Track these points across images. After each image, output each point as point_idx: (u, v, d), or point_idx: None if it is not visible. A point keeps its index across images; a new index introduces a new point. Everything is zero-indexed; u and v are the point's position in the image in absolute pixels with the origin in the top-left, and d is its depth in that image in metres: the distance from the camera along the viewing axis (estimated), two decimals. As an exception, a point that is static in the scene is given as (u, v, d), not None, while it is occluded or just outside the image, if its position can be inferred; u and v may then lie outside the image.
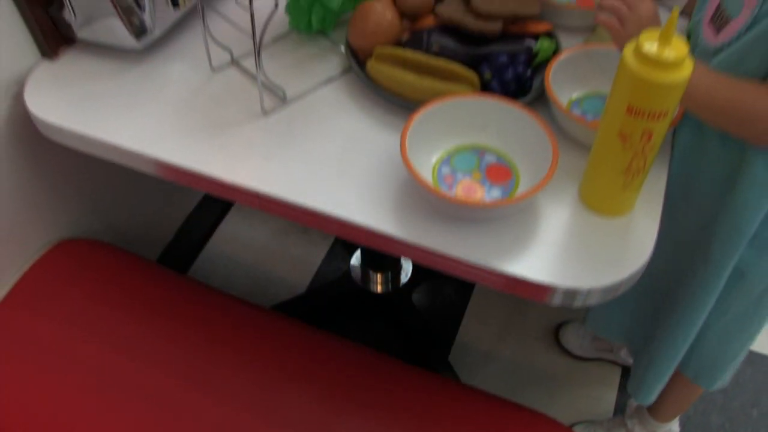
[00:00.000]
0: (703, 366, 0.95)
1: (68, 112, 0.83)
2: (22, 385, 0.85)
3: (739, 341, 0.92)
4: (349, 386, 0.90)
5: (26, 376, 0.86)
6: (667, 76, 0.56)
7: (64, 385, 0.84)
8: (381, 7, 0.82)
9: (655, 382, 0.96)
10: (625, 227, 0.70)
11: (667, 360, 0.92)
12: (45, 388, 0.84)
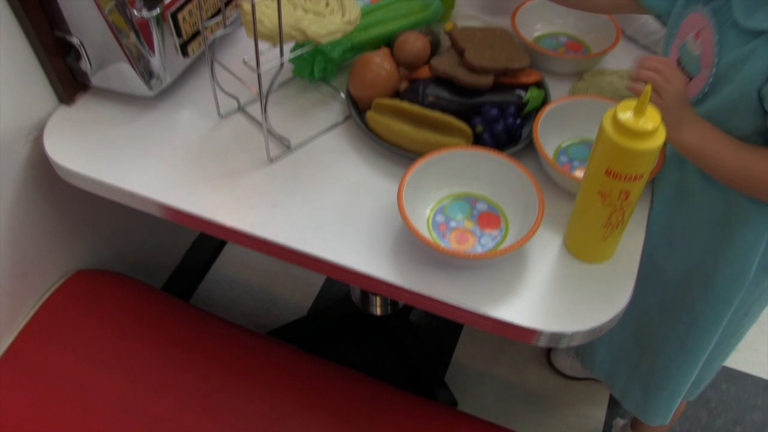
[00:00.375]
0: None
1: (84, 158, 0.88)
2: (41, 413, 0.91)
3: (720, 360, 1.00)
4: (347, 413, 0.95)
5: (45, 404, 0.91)
6: (642, 145, 0.61)
7: (82, 413, 0.89)
8: (379, 59, 0.87)
9: (671, 405, 1.02)
10: (607, 273, 0.75)
11: (679, 385, 0.98)
12: (63, 417, 0.90)
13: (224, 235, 0.81)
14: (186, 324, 1.06)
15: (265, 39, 0.76)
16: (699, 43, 0.71)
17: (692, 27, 0.73)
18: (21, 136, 0.92)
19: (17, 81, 0.89)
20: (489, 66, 0.84)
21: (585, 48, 1.02)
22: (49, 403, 0.91)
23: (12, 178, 0.93)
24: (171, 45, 0.91)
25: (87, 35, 0.88)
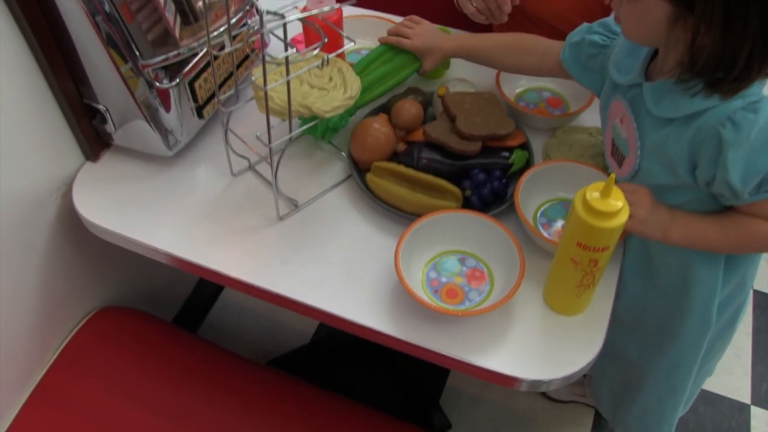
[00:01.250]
0: None
1: (110, 214, 0.97)
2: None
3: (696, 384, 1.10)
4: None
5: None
6: (607, 223, 0.70)
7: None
8: (378, 125, 0.96)
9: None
10: (580, 325, 0.84)
11: (672, 417, 1.08)
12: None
13: (240, 288, 0.90)
14: (198, 357, 1.15)
15: (274, 115, 0.85)
16: (624, 127, 0.81)
17: (616, 113, 0.82)
18: (52, 191, 1.01)
19: (50, 142, 0.98)
20: (477, 133, 0.93)
21: (565, 103, 1.11)
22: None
23: (43, 229, 1.02)
24: (188, 109, 1.00)
25: (112, 102, 0.97)
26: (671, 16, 0.67)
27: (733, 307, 0.93)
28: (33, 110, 0.94)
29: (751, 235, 0.77)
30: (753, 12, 0.63)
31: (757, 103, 0.69)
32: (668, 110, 0.75)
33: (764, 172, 0.70)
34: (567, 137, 1.04)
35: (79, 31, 0.89)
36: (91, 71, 0.94)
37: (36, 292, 1.04)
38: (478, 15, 1.11)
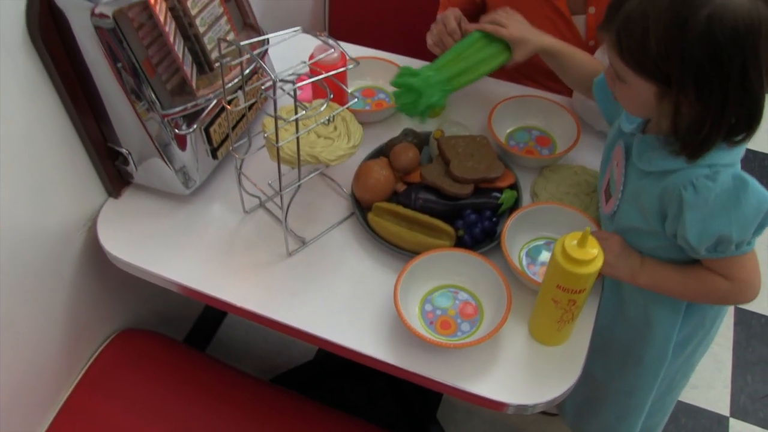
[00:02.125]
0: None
1: (132, 248, 1.06)
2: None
3: (662, 414, 1.20)
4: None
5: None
6: (583, 270, 0.79)
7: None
8: (378, 167, 1.05)
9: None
10: (561, 354, 0.93)
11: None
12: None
13: (253, 319, 0.99)
14: (209, 376, 1.23)
15: (285, 163, 0.93)
16: (617, 170, 0.90)
17: (617, 156, 0.91)
18: (79, 226, 1.10)
19: (77, 181, 1.06)
20: (469, 177, 1.02)
21: (552, 142, 1.20)
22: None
23: (70, 261, 1.11)
24: (203, 151, 1.08)
25: (134, 146, 1.06)
26: (658, 94, 0.77)
27: (692, 344, 1.02)
28: (62, 153, 1.02)
29: (707, 288, 0.86)
30: (715, 86, 0.72)
31: (717, 172, 0.78)
32: (645, 164, 0.84)
33: (718, 234, 0.79)
34: (554, 176, 1.12)
35: (105, 83, 0.97)
36: (115, 119, 1.03)
37: (63, 318, 1.13)
38: (434, 47, 1.19)
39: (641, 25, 0.73)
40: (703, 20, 0.70)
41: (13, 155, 0.93)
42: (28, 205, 0.98)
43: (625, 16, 0.75)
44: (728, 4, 0.70)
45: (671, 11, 0.71)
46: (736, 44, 0.71)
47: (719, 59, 0.71)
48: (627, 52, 0.76)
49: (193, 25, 1.02)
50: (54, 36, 0.91)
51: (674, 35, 0.71)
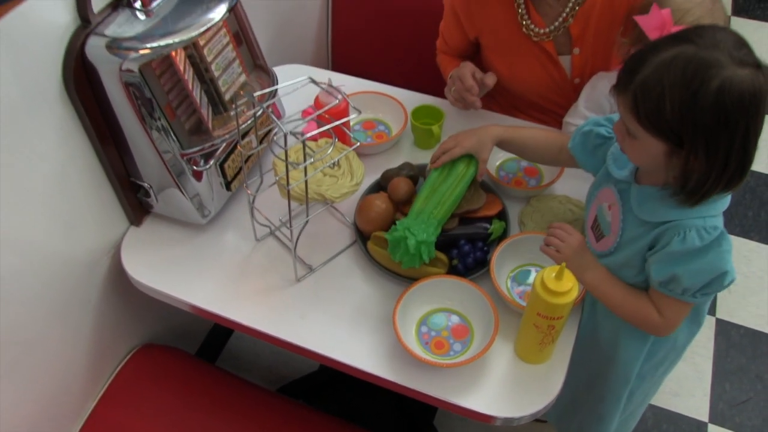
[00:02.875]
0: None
1: (153, 273, 1.16)
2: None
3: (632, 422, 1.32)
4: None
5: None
6: (560, 300, 0.89)
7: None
8: (379, 201, 1.15)
9: None
10: (544, 372, 1.03)
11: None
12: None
13: (265, 339, 1.09)
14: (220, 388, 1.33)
15: (294, 200, 1.03)
16: (610, 213, 0.99)
17: (606, 198, 1.01)
18: (104, 253, 1.20)
19: (103, 212, 1.16)
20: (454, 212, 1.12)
21: (539, 173, 1.30)
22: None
23: (96, 284, 1.21)
24: (218, 184, 1.18)
25: (154, 180, 1.16)
26: (667, 151, 0.85)
27: (663, 366, 1.14)
28: (91, 188, 1.12)
29: (640, 312, 0.97)
30: (722, 146, 0.81)
31: (708, 233, 0.88)
32: (647, 214, 0.93)
33: (674, 274, 0.90)
34: (540, 205, 1.22)
35: (129, 125, 1.07)
36: (138, 156, 1.13)
37: (89, 336, 1.23)
38: (456, 103, 1.30)
39: (657, 91, 0.81)
40: (714, 90, 0.78)
41: (50, 192, 1.03)
42: (62, 236, 1.08)
43: (641, 82, 0.83)
44: (734, 77, 0.78)
45: (684, 81, 0.80)
46: (741, 111, 0.79)
47: (727, 124, 0.80)
48: (644, 114, 0.84)
49: (208, 70, 1.11)
50: (86, 87, 1.01)
51: (688, 103, 0.80)
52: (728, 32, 0.84)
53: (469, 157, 1.14)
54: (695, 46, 0.81)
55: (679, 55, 0.81)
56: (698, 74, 0.79)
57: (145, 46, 0.99)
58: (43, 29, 0.94)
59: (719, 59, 0.79)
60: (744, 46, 0.82)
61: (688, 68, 0.80)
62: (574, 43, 1.30)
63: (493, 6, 1.29)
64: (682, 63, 0.81)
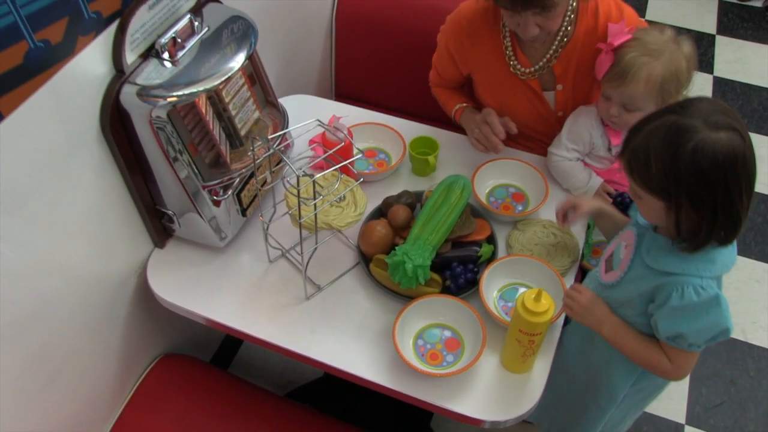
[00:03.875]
0: None
1: (176, 291, 1.29)
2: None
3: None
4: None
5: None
6: (538, 319, 1.02)
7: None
8: (380, 227, 1.27)
9: None
10: (526, 380, 1.16)
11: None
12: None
13: (279, 351, 1.22)
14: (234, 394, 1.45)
15: (304, 229, 1.16)
16: (625, 251, 1.11)
17: (626, 238, 1.12)
18: (132, 272, 1.33)
19: (131, 236, 1.29)
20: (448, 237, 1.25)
21: (526, 198, 1.43)
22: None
23: (125, 301, 1.34)
24: (234, 211, 1.31)
25: (178, 209, 1.29)
26: (665, 207, 0.96)
27: (644, 392, 1.27)
28: (121, 215, 1.25)
29: (654, 360, 1.08)
30: (705, 201, 0.92)
31: (703, 287, 0.98)
32: (651, 261, 1.04)
33: (679, 332, 1.01)
34: (526, 228, 1.35)
35: (156, 161, 1.20)
36: (163, 187, 1.25)
37: (118, 348, 1.36)
38: (477, 144, 1.43)
39: (645, 154, 0.94)
40: (689, 151, 0.89)
41: (88, 221, 1.16)
42: (97, 260, 1.21)
43: (633, 148, 0.96)
44: (708, 139, 0.89)
45: (665, 144, 0.92)
46: (717, 170, 0.89)
47: (705, 182, 0.90)
48: (636, 175, 0.97)
49: (226, 110, 1.24)
50: (119, 129, 1.14)
51: (669, 164, 0.92)
52: (709, 101, 0.95)
53: (461, 189, 1.27)
54: (677, 115, 0.93)
55: (663, 124, 0.93)
56: (676, 138, 0.91)
57: (172, 94, 1.11)
58: (85, 81, 1.06)
59: (695, 125, 0.90)
60: (721, 112, 0.92)
61: (669, 134, 0.92)
62: (557, 81, 1.43)
63: (483, 48, 1.42)
64: (664, 130, 0.93)
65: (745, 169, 0.91)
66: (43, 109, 0.99)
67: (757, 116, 2.65)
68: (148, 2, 1.12)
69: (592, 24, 1.36)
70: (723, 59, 2.90)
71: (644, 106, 1.30)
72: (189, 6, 1.22)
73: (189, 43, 1.19)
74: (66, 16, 0.98)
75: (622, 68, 1.27)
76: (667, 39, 1.28)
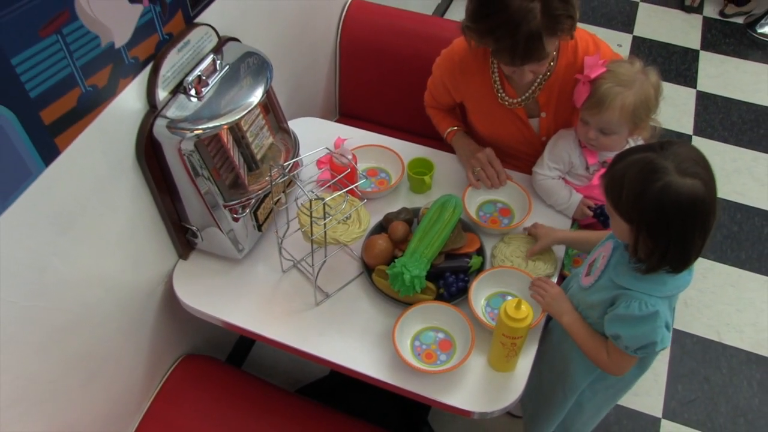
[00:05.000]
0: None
1: (199, 299, 1.45)
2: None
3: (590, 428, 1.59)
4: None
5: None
6: (518, 324, 1.18)
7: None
8: (381, 241, 1.43)
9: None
10: (510, 378, 1.31)
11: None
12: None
13: (291, 351, 1.37)
14: (250, 390, 1.61)
15: (315, 244, 1.32)
16: (602, 261, 1.26)
17: (605, 250, 1.28)
18: (159, 282, 1.49)
19: (158, 249, 1.45)
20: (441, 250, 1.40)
21: (512, 213, 1.58)
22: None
23: (153, 307, 1.50)
24: (251, 226, 1.47)
25: (201, 225, 1.44)
26: (629, 229, 1.11)
27: (614, 390, 1.42)
28: (151, 231, 1.41)
29: (595, 351, 1.26)
30: (662, 234, 1.06)
31: (647, 303, 1.14)
32: (614, 274, 1.20)
33: (617, 334, 1.18)
34: (511, 241, 1.51)
35: (183, 184, 1.36)
36: (189, 206, 1.41)
37: (146, 349, 1.51)
38: (476, 183, 1.59)
39: (620, 181, 1.08)
40: (657, 190, 1.02)
41: (123, 237, 1.32)
42: (131, 271, 1.37)
43: (612, 174, 1.10)
44: (675, 182, 1.01)
45: (638, 178, 1.05)
46: (678, 212, 1.02)
47: (666, 220, 1.04)
48: (610, 199, 1.11)
49: (244, 137, 1.40)
50: (152, 157, 1.30)
51: (637, 195, 1.05)
52: (687, 148, 1.07)
53: (453, 207, 1.43)
54: (655, 154, 1.06)
55: (641, 159, 1.07)
56: (648, 175, 1.04)
57: (198, 127, 1.27)
58: (123, 116, 1.22)
59: (667, 167, 1.03)
60: (693, 160, 1.04)
61: (644, 170, 1.05)
62: (541, 109, 1.59)
63: (474, 80, 1.58)
64: (640, 165, 1.06)
65: (702, 214, 1.04)
66: (90, 143, 1.14)
67: (737, 129, 2.80)
68: (177, 46, 1.28)
69: (571, 59, 1.52)
70: (706, 74, 3.06)
71: (619, 130, 1.46)
72: (211, 46, 1.38)
73: (212, 80, 1.34)
74: (111, 63, 1.13)
75: (599, 98, 1.43)
76: (636, 70, 1.44)
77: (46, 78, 1.00)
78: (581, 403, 1.46)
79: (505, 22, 1.30)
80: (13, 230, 1.02)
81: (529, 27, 1.29)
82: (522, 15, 1.28)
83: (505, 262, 1.46)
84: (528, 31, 1.29)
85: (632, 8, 3.41)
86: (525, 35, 1.30)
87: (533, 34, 1.30)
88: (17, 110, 0.97)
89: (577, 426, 1.55)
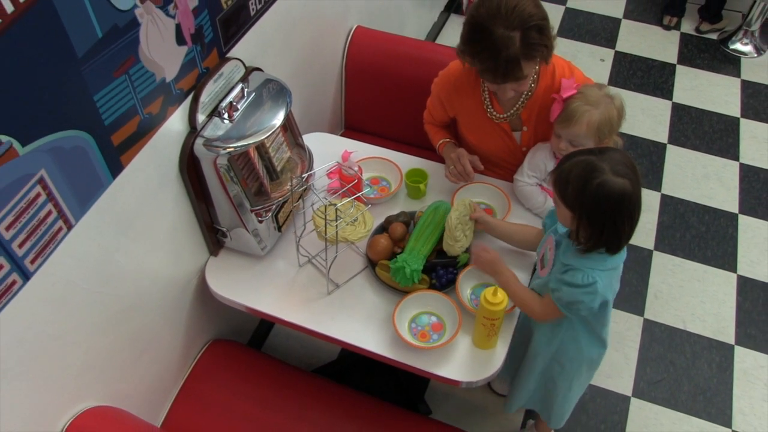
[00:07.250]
0: (553, 417, 1.84)
1: (227, 289, 1.70)
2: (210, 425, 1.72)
3: (568, 405, 1.82)
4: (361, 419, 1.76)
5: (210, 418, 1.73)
6: (495, 308, 1.43)
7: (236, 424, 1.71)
8: (383, 239, 1.69)
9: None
10: (490, 354, 1.57)
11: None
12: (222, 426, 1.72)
13: (307, 333, 1.63)
14: (274, 370, 1.86)
15: (328, 242, 1.57)
16: (550, 253, 1.52)
17: (549, 244, 1.53)
18: (194, 275, 1.74)
19: (194, 247, 1.71)
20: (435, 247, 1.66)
21: (494, 213, 1.84)
22: (211, 418, 1.73)
23: (188, 297, 1.75)
24: (272, 227, 1.73)
25: (230, 226, 1.70)
26: (572, 217, 1.36)
27: (583, 368, 1.65)
28: (188, 233, 1.66)
29: (527, 301, 1.51)
30: (597, 222, 1.32)
31: (587, 277, 1.38)
32: (564, 258, 1.45)
33: (558, 289, 1.43)
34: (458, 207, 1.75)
35: (217, 193, 1.61)
36: (220, 210, 1.66)
37: (182, 333, 1.77)
38: (451, 177, 1.84)
39: (566, 177, 1.33)
40: (594, 185, 1.27)
41: (167, 237, 1.57)
42: (172, 265, 1.63)
43: (560, 171, 1.35)
44: (609, 180, 1.26)
45: (580, 175, 1.31)
46: (610, 204, 1.29)
47: (601, 210, 1.30)
48: (558, 192, 1.36)
49: (267, 152, 1.66)
50: (192, 170, 1.56)
51: (580, 190, 1.31)
52: (621, 154, 1.33)
53: (444, 211, 1.69)
54: (595, 157, 1.32)
55: (584, 160, 1.32)
56: (589, 173, 1.30)
57: (230, 146, 1.52)
58: (170, 137, 1.48)
59: (603, 168, 1.29)
60: (625, 164, 1.28)
61: (585, 169, 1.31)
62: (523, 124, 1.84)
63: (467, 98, 1.84)
64: (583, 165, 1.32)
65: (629, 207, 1.31)
66: (146, 159, 1.40)
67: (708, 138, 3.06)
68: (213, 77, 1.53)
69: (549, 82, 1.77)
70: (681, 87, 3.31)
71: (585, 143, 1.71)
72: (239, 76, 1.64)
73: (240, 105, 1.60)
74: (162, 94, 1.39)
75: (569, 113, 1.68)
76: (603, 94, 1.69)
77: (116, 109, 1.26)
78: (553, 378, 1.70)
79: (488, 47, 1.56)
80: (89, 230, 1.28)
81: (509, 52, 1.54)
82: (503, 42, 1.54)
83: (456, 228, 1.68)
84: (507, 56, 1.55)
85: (615, 25, 3.66)
86: (505, 59, 1.55)
87: (512, 58, 1.55)
88: (95, 135, 1.23)
89: (557, 406, 1.79)
